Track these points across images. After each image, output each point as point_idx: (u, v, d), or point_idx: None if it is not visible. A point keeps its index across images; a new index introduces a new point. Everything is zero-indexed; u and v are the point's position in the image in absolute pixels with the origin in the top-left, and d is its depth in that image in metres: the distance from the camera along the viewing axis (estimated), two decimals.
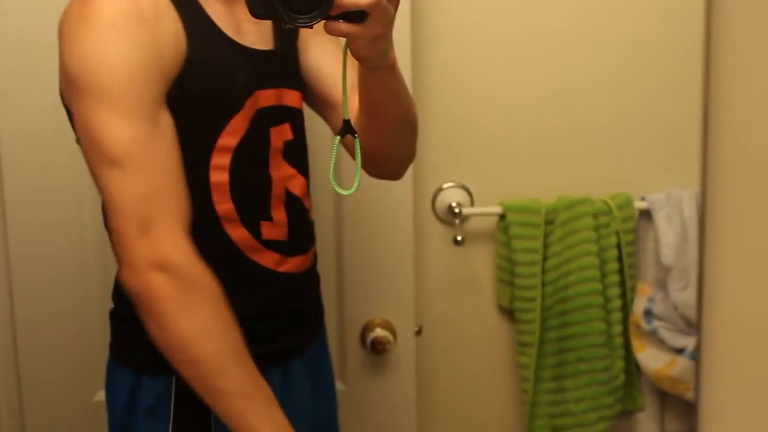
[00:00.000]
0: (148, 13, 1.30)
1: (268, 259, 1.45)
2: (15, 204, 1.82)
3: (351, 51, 1.27)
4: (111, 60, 1.27)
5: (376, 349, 1.89)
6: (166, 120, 1.30)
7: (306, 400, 1.57)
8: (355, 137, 1.34)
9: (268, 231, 1.45)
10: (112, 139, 1.26)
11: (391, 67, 1.35)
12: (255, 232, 1.43)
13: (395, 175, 1.61)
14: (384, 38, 1.26)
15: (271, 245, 1.45)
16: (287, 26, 1.15)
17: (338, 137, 1.33)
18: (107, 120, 1.26)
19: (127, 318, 1.46)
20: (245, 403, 1.29)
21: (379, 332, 1.89)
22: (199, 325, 1.27)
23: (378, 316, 1.91)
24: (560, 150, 2.02)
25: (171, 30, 1.32)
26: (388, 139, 1.46)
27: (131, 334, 1.46)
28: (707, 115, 0.58)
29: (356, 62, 1.32)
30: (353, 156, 1.37)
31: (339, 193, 1.75)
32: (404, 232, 1.90)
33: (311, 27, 1.16)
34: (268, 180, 1.45)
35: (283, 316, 1.52)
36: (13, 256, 1.83)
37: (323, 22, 1.17)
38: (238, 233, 1.42)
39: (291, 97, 1.50)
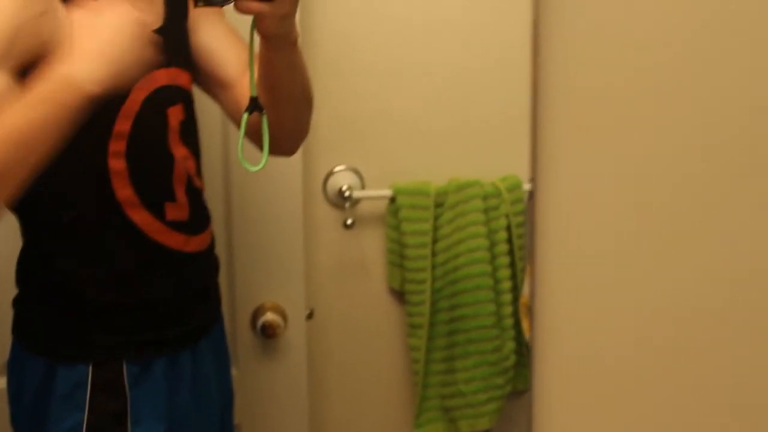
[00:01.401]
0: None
1: (174, 240, 1.48)
2: None
3: (258, 29, 1.30)
4: None
5: (267, 334, 1.92)
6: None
7: (212, 381, 1.62)
8: (263, 114, 1.37)
9: (172, 212, 1.47)
10: None
11: (294, 45, 1.38)
12: (159, 214, 1.45)
13: (289, 151, 1.63)
14: (291, 16, 1.30)
15: (175, 226, 1.48)
16: (198, 5, 1.17)
17: (246, 114, 1.37)
18: None
19: (36, 305, 1.49)
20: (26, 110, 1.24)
21: (269, 316, 1.92)
22: None
23: (269, 300, 1.94)
24: (452, 133, 2.07)
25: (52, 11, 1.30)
26: (286, 116, 1.49)
27: (41, 322, 1.49)
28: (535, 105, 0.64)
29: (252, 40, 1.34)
30: (250, 135, 1.41)
31: (227, 176, 1.79)
32: (294, 216, 1.93)
33: (222, 5, 1.18)
34: (170, 161, 1.47)
35: (192, 296, 1.55)
36: None
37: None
38: (140, 217, 1.43)
39: (182, 77, 1.51)
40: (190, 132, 1.54)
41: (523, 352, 2.10)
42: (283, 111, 1.47)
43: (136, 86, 1.40)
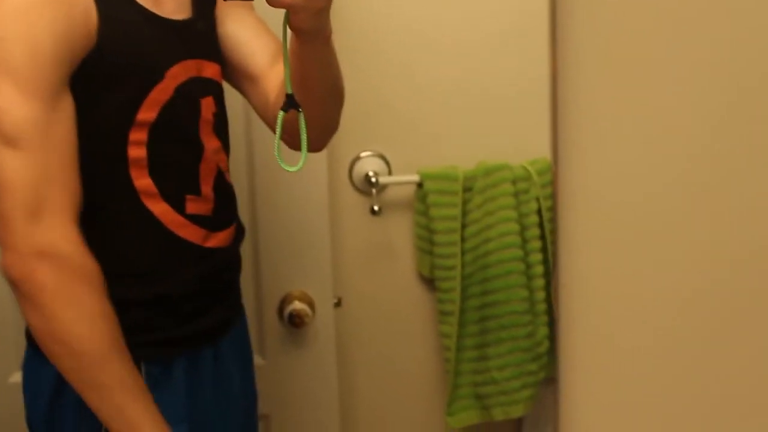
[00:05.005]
0: None
1: (193, 234, 1.48)
2: None
3: (290, 24, 1.26)
4: (15, 36, 1.28)
5: (295, 323, 1.95)
6: (67, 102, 1.31)
7: (236, 379, 1.62)
8: (300, 111, 1.32)
9: (193, 206, 1.47)
10: (9, 116, 1.27)
11: (327, 40, 1.35)
12: (179, 206, 1.45)
13: (317, 147, 1.60)
14: (326, 11, 1.26)
15: (196, 220, 1.47)
16: None
17: (282, 112, 1.32)
18: (7, 95, 1.27)
19: None
20: (125, 397, 1.33)
21: (297, 305, 1.95)
22: (82, 318, 1.30)
23: (296, 288, 1.96)
24: (478, 116, 2.09)
25: (82, 6, 1.33)
26: (316, 112, 1.42)
27: None
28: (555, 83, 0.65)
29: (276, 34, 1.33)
30: (280, 131, 1.37)
31: (250, 162, 1.80)
32: (320, 203, 1.96)
33: None
34: (198, 153, 1.47)
35: (211, 293, 1.55)
36: None
37: None
38: (159, 208, 1.43)
39: (212, 70, 1.51)
40: (222, 125, 1.54)
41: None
42: (313, 106, 1.40)
43: (167, 74, 1.41)
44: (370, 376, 2.18)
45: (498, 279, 2.06)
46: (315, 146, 1.56)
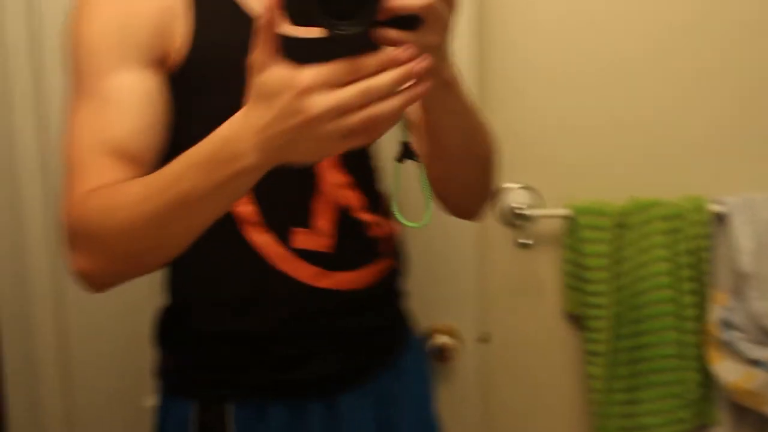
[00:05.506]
0: None
1: (300, 270, 1.39)
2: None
3: None
4: (79, 35, 1.29)
5: (441, 357, 1.92)
6: (129, 84, 1.27)
7: None
8: (418, 162, 1.26)
9: (302, 239, 1.39)
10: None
11: (449, 85, 1.22)
12: (284, 238, 1.38)
13: (467, 213, 1.51)
14: (439, 49, 1.15)
15: (305, 255, 1.39)
16: (331, 35, 1.03)
17: (397, 163, 1.26)
18: (74, 102, 1.28)
19: (159, 341, 1.49)
20: (196, 173, 1.08)
21: (444, 339, 1.92)
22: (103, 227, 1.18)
23: (441, 322, 1.93)
24: (631, 150, 2.04)
25: (161, 7, 1.30)
26: (450, 170, 1.35)
27: (162, 357, 1.49)
28: None
29: None
30: (397, 183, 1.31)
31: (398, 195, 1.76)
32: (468, 235, 1.93)
33: (355, 35, 1.03)
34: (312, 185, 1.39)
35: (320, 338, 1.44)
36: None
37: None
38: (262, 238, 1.37)
39: None
40: (358, 161, 1.45)
41: (708, 383, 2.04)
42: (445, 163, 1.32)
43: None
44: (515, 414, 2.13)
45: (649, 320, 2.00)
46: (465, 212, 1.49)
